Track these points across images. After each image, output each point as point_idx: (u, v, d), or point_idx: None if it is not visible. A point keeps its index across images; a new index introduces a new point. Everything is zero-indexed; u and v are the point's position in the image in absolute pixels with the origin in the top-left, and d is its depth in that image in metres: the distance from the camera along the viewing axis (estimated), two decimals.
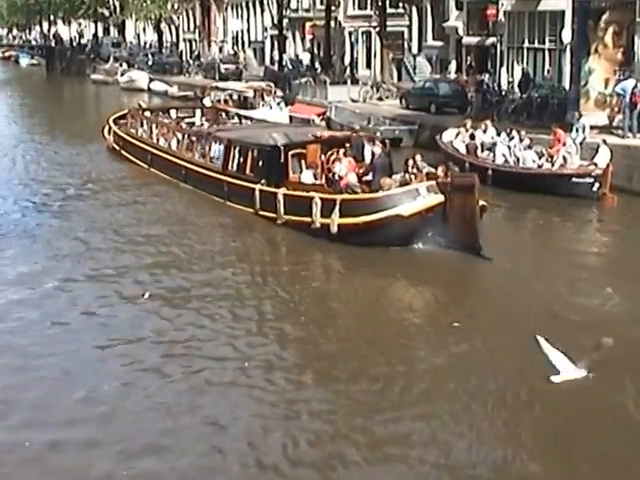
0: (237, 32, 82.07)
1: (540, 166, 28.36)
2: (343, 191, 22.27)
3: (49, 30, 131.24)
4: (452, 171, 22.72)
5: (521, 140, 29.59)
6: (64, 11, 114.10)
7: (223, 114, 36.66)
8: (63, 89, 67.52)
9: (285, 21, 63.83)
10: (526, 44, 42.46)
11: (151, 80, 68.93)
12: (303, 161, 24.23)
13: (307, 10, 66.92)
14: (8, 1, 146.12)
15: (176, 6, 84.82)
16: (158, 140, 32.58)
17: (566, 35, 37.94)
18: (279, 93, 48.63)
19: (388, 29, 49.62)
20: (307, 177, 23.62)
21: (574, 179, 27.09)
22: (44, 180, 30.85)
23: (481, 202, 20.81)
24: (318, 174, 23.68)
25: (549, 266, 20.29)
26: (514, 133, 30.14)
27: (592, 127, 30.29)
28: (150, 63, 79.19)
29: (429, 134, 34.65)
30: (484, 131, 31.56)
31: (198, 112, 36.53)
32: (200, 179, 27.71)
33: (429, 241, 21.02)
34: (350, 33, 61.53)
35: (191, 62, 77.27)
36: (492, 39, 44.98)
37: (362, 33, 59.81)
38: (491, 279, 19.68)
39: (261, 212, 23.99)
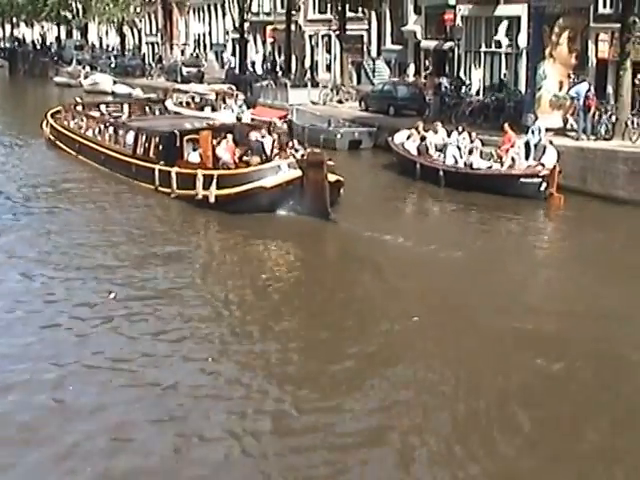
0: (199, 35, 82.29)
1: (490, 167, 28.96)
2: (220, 168, 26.57)
3: (12, 32, 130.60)
4: (310, 151, 26.49)
5: (472, 141, 30.19)
6: (27, 13, 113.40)
7: (147, 108, 39.92)
8: (26, 91, 67.62)
9: (246, 25, 63.90)
10: (483, 48, 43.05)
11: (114, 83, 68.91)
12: (197, 145, 28.14)
13: (268, 14, 67.20)
14: None
15: (138, 9, 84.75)
16: (85, 131, 36.34)
17: (522, 40, 38.58)
18: (241, 96, 48.71)
19: (348, 33, 49.99)
20: (194, 157, 27.80)
21: (522, 179, 27.75)
22: None
23: (337, 178, 25.49)
24: (207, 155, 27.45)
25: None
26: (465, 134, 30.73)
27: (547, 129, 30.74)
28: (113, 66, 79.19)
29: (388, 136, 35.15)
30: (435, 132, 32.12)
31: (126, 107, 39.86)
32: (115, 163, 31.76)
33: (289, 208, 25.22)
34: (310, 37, 61.77)
35: (153, 65, 77.34)
36: (450, 43, 45.45)
37: (322, 37, 60.07)
38: (339, 239, 23.90)
39: (160, 188, 27.98)
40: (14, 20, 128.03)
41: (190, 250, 22.48)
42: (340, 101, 47.44)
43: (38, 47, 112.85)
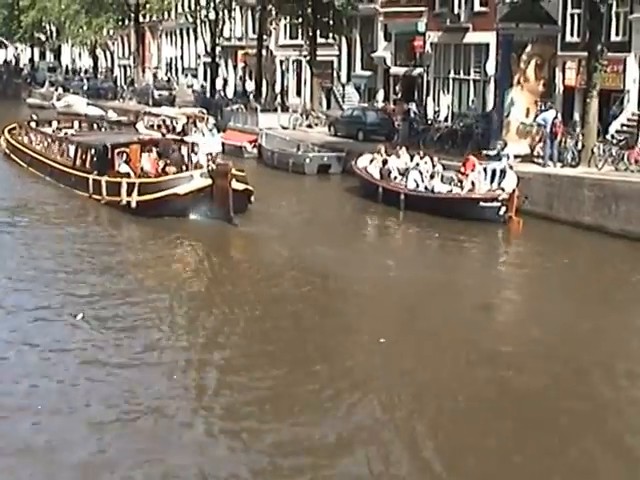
0: (171, 59, 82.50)
1: (450, 191, 29.16)
2: (142, 177, 29.48)
3: None
4: (219, 162, 29.77)
5: (434, 166, 30.45)
6: (1, 34, 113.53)
7: (95, 125, 42.93)
8: (1, 113, 67.41)
9: (218, 49, 64.11)
10: (452, 75, 43.38)
11: (87, 105, 68.79)
12: (127, 157, 30.86)
13: (240, 39, 67.48)
14: None
15: (111, 32, 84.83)
16: (36, 146, 39.29)
17: (490, 67, 38.87)
18: (211, 120, 48.79)
19: (318, 58, 50.09)
20: (122, 168, 30.37)
21: (482, 203, 28.06)
22: None
23: (247, 187, 28.52)
24: (135, 166, 30.33)
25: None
26: (427, 159, 30.99)
27: (515, 156, 31.18)
28: (85, 88, 79.04)
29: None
30: (398, 157, 32.36)
31: (76, 123, 42.74)
32: (58, 174, 34.63)
33: (201, 213, 27.85)
34: (281, 62, 62.09)
35: (125, 87, 77.21)
36: (419, 69, 45.88)
37: (293, 62, 60.38)
38: (239, 240, 26.52)
39: (93, 196, 30.80)
40: None
41: (117, 243, 26.04)
42: (310, 126, 47.60)
43: (11, 68, 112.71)
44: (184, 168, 29.66)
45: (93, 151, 32.36)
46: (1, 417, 13.18)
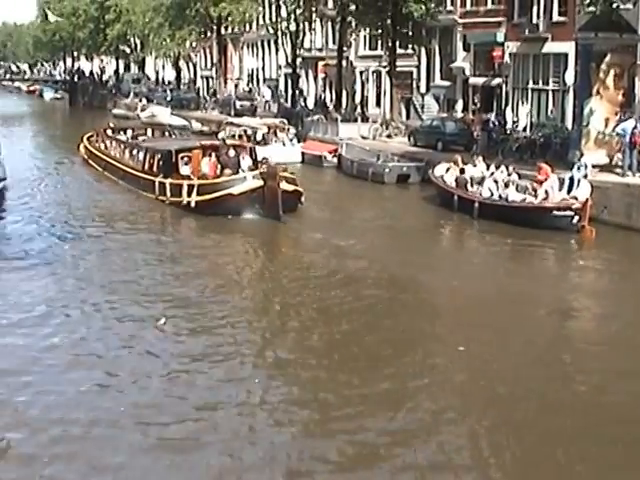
0: (252, 70, 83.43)
1: (524, 200, 29.29)
2: (201, 179, 31.67)
3: (72, 65, 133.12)
4: (270, 165, 30.92)
5: (509, 175, 30.58)
6: (87, 47, 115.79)
7: (166, 133, 45.84)
8: (84, 122, 69.16)
9: (299, 60, 64.84)
10: (530, 85, 43.43)
11: (171, 115, 69.85)
12: (190, 161, 33.14)
13: (320, 50, 68.15)
14: (34, 37, 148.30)
15: (194, 44, 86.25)
16: (110, 151, 42.19)
17: (569, 77, 38.85)
18: (292, 130, 49.38)
19: (398, 69, 50.43)
20: (184, 171, 33.10)
21: (555, 212, 28.04)
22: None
23: (296, 188, 30.64)
24: (196, 169, 32.44)
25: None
26: (502, 168, 31.14)
27: (593, 166, 31.02)
28: (169, 99, 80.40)
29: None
30: (474, 166, 32.56)
31: (149, 131, 45.79)
32: (129, 177, 37.25)
33: (253, 212, 29.89)
34: (361, 72, 62.58)
35: (208, 98, 78.40)
36: (498, 80, 46.00)
37: (372, 72, 60.83)
38: (317, 248, 26.34)
39: (159, 197, 33.22)
40: (75, 54, 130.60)
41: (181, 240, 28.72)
42: (389, 136, 47.88)
43: (97, 80, 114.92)
44: (239, 170, 31.86)
45: (159, 156, 34.92)
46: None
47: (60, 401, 14.37)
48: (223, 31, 77.48)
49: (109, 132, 45.81)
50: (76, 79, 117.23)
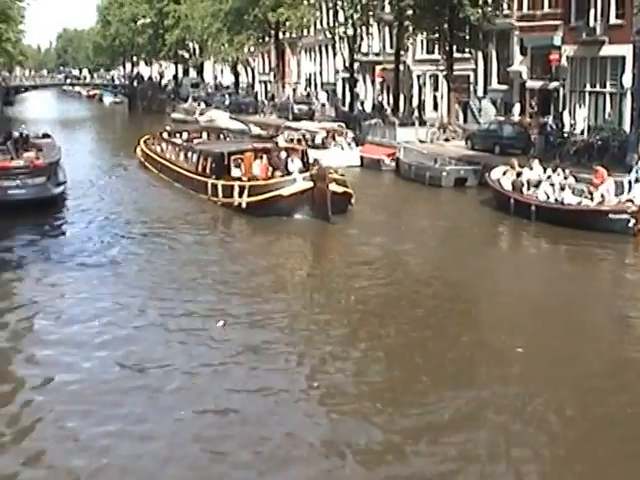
0: (310, 74, 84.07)
1: (579, 203, 29.47)
2: (252, 180, 32.68)
3: (132, 70, 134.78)
4: (320, 167, 31.40)
5: (565, 178, 30.76)
6: (146, 52, 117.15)
7: (221, 136, 47.17)
8: (143, 127, 70.28)
9: (356, 64, 65.36)
10: (588, 88, 43.51)
11: (229, 119, 70.60)
12: (241, 163, 34.41)
13: (377, 54, 68.34)
14: (94, 43, 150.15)
15: (252, 49, 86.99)
16: (165, 154, 43.66)
17: (627, 80, 38.89)
18: (350, 134, 49.85)
19: (455, 73, 50.77)
20: (236, 172, 34.38)
21: (611, 215, 28.11)
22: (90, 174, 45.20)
23: (346, 190, 31.39)
24: (248, 171, 33.62)
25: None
26: (559, 171, 31.33)
27: None
28: (227, 103, 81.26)
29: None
30: (531, 169, 32.75)
31: (204, 134, 47.50)
32: (183, 179, 38.78)
33: (303, 213, 30.89)
34: (418, 76, 62.82)
35: (266, 102, 79.17)
36: (555, 83, 46.06)
37: (430, 76, 60.99)
38: (374, 251, 26.63)
39: (211, 198, 34.49)
40: (134, 59, 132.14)
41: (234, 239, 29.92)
42: (447, 139, 48.13)
43: (156, 84, 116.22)
44: (290, 172, 32.74)
45: (212, 158, 36.35)
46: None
47: (124, 399, 15.10)
48: (281, 36, 78.32)
49: (165, 135, 47.43)
50: (135, 84, 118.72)
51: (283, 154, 34.59)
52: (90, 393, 15.27)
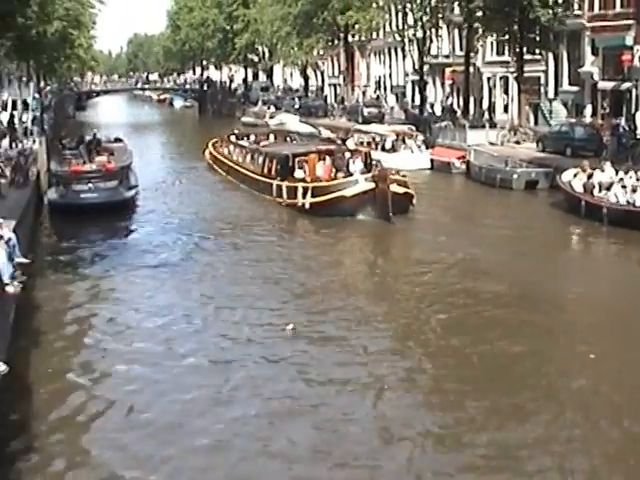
0: (379, 77, 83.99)
1: None
2: (315, 181, 33.47)
3: (202, 74, 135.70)
4: (380, 168, 33.03)
5: (638, 180, 30.29)
6: (216, 57, 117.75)
7: (288, 139, 48.05)
8: (213, 130, 70.69)
9: (426, 67, 65.13)
10: None
11: (299, 122, 70.71)
12: (305, 164, 35.14)
13: (447, 56, 68.18)
14: (164, 47, 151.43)
15: (322, 52, 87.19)
16: (233, 156, 44.94)
17: None
18: (420, 137, 49.70)
19: (525, 74, 50.30)
20: (298, 174, 35.15)
21: None
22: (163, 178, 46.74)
23: (407, 190, 31.96)
24: (312, 172, 34.42)
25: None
26: (631, 173, 30.89)
27: None
28: (297, 106, 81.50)
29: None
30: (602, 171, 32.33)
31: (271, 136, 48.17)
32: (249, 180, 39.86)
33: (365, 213, 31.58)
34: (488, 78, 62.51)
35: (335, 105, 79.22)
36: (627, 84, 45.53)
37: (500, 78, 60.69)
38: (443, 255, 26.59)
39: (276, 199, 35.49)
40: (204, 63, 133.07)
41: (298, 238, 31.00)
42: (517, 142, 47.71)
43: (226, 88, 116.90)
44: (352, 174, 33.39)
45: (277, 160, 37.27)
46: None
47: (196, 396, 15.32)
48: (350, 39, 78.29)
49: (232, 138, 48.60)
50: (205, 88, 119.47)
51: (347, 155, 35.41)
52: (162, 390, 15.70)
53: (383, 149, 47.41)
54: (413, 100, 70.14)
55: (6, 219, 20.53)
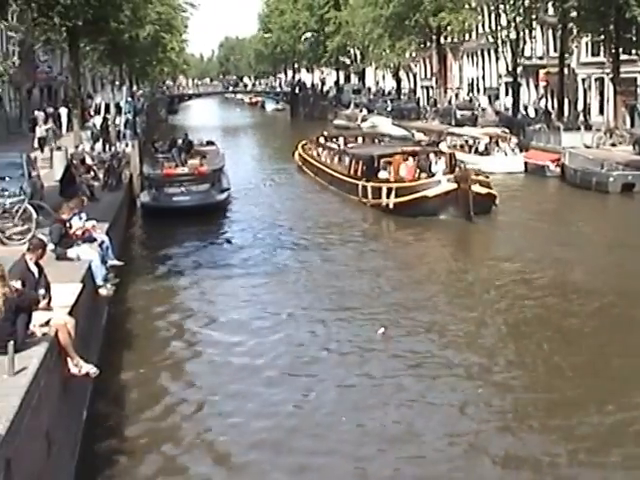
0: (472, 79, 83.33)
1: None
2: (399, 182, 34.03)
3: (293, 77, 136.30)
4: (462, 169, 33.27)
5: None
6: (308, 59, 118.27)
7: (376, 140, 48.58)
8: (304, 133, 70.88)
9: (519, 68, 64.53)
10: None
11: (392, 125, 70.59)
12: (390, 165, 35.67)
13: (541, 57, 67.28)
14: (255, 50, 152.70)
15: (414, 54, 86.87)
16: (321, 158, 45.87)
17: None
18: (514, 139, 49.16)
19: (621, 75, 49.48)
20: (382, 174, 35.88)
21: None
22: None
23: (490, 191, 32.37)
24: (396, 173, 34.89)
25: None
26: None
27: None
28: (389, 109, 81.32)
29: None
30: None
31: (360, 138, 48.97)
32: (336, 181, 40.47)
33: (448, 213, 31.93)
34: (583, 80, 61.50)
35: (428, 108, 78.87)
36: None
37: (595, 79, 59.70)
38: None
39: (361, 199, 35.99)
40: (295, 66, 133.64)
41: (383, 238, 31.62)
42: (613, 144, 46.79)
43: (318, 91, 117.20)
44: (434, 174, 33.82)
45: (363, 161, 37.86)
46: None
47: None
48: (443, 40, 77.84)
49: (321, 140, 49.38)
50: (297, 91, 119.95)
51: (431, 156, 35.95)
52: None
53: (476, 152, 46.97)
54: (506, 102, 69.32)
55: (99, 222, 20.62)
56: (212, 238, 30.59)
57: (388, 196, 33.52)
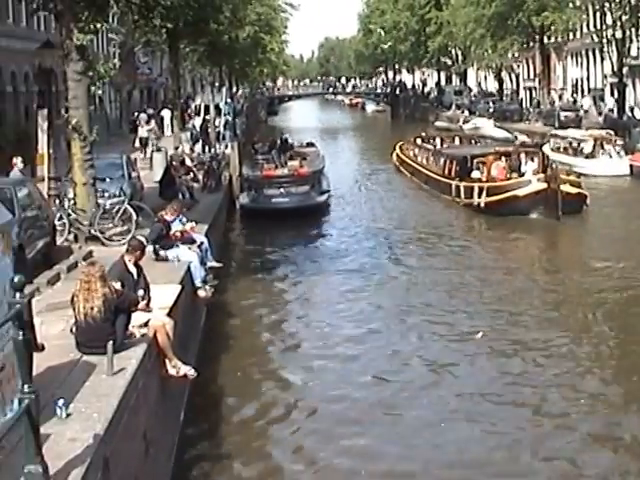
0: (576, 80, 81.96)
1: None
2: (490, 182, 34.36)
3: (394, 78, 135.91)
4: (553, 168, 33.30)
5: None
6: (408, 60, 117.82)
7: (472, 141, 48.98)
8: (405, 135, 70.51)
9: (625, 68, 63.18)
10: None
11: (494, 127, 69.96)
12: (482, 165, 35.99)
13: None
14: (356, 51, 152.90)
15: (516, 55, 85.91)
16: (417, 159, 46.38)
17: None
18: (619, 142, 48.15)
19: None
20: (475, 174, 36.10)
21: None
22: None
23: (580, 191, 32.57)
24: (489, 173, 35.13)
25: None
26: None
27: None
28: (491, 110, 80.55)
29: None
30: None
31: (457, 139, 49.42)
32: (431, 181, 41.09)
33: (538, 212, 32.08)
34: None
35: (531, 109, 77.83)
36: None
37: None
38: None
39: (454, 199, 36.51)
40: (396, 67, 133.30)
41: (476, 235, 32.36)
42: None
43: (419, 92, 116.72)
44: (523, 174, 34.16)
45: (456, 161, 38.35)
46: None
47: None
48: (546, 40, 76.61)
49: (418, 141, 49.50)
50: (397, 92, 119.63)
51: (522, 157, 36.18)
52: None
53: (581, 154, 46.14)
54: (611, 103, 68.04)
55: (199, 223, 20.73)
56: (311, 240, 30.61)
57: (480, 195, 33.88)
